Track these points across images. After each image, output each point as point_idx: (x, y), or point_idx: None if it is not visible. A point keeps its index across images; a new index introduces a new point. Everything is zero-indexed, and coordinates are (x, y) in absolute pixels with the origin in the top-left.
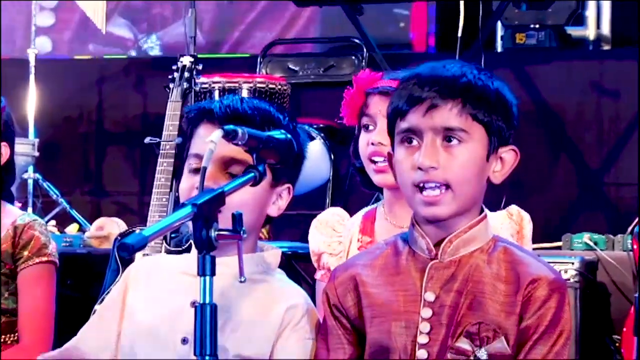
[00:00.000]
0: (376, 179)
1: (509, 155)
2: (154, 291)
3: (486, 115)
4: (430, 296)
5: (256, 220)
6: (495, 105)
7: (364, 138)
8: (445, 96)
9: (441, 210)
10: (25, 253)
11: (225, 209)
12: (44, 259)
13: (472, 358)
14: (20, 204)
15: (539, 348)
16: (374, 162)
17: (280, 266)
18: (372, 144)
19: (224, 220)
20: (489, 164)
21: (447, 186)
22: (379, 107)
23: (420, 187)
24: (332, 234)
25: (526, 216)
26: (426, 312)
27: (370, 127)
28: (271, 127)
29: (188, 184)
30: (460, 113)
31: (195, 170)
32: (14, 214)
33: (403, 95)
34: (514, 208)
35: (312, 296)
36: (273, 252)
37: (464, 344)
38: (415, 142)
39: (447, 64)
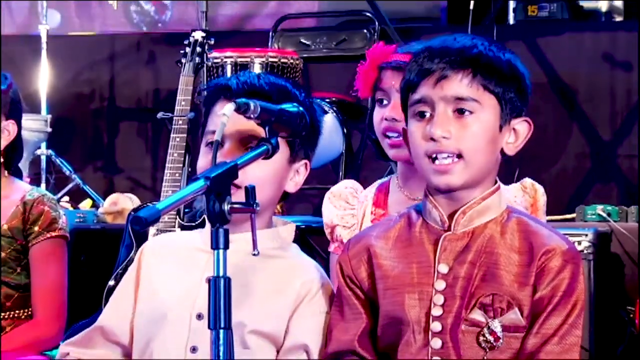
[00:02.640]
0: (391, 153)
1: (522, 127)
2: (168, 268)
3: (497, 85)
4: (443, 268)
5: (274, 196)
6: (506, 76)
7: (378, 113)
8: (455, 67)
9: (453, 178)
10: (36, 228)
11: (243, 185)
12: (55, 233)
13: (485, 329)
14: (29, 179)
15: (553, 319)
16: (388, 137)
17: (294, 240)
18: (386, 119)
19: (242, 197)
20: (501, 134)
21: (460, 156)
22: (392, 81)
23: (432, 158)
24: (346, 207)
25: (540, 189)
26: (440, 284)
27: (384, 102)
28: (287, 102)
29: (206, 160)
30: (470, 83)
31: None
32: (23, 190)
33: (414, 68)
34: (527, 181)
35: (327, 269)
36: (287, 227)
37: (477, 315)
38: (427, 115)
39: (458, 36)
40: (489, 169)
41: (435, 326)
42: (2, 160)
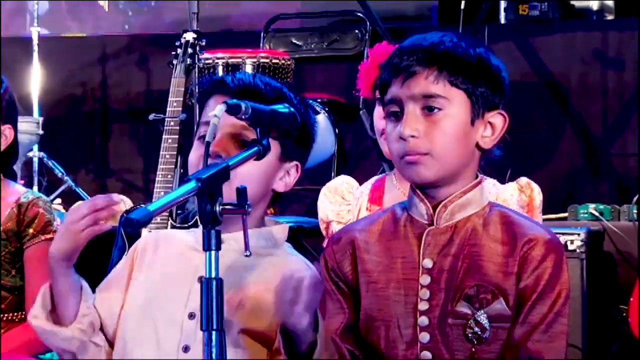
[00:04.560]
0: (387, 151)
1: (497, 120)
2: (161, 266)
3: (465, 81)
4: (428, 263)
5: (262, 193)
6: (476, 71)
7: (379, 112)
8: (421, 64)
9: (423, 170)
10: (30, 230)
11: (232, 181)
12: (49, 236)
13: (472, 321)
14: (22, 182)
15: (538, 308)
16: None
17: (286, 241)
18: None
19: (232, 194)
20: (474, 129)
21: (428, 154)
22: None
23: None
24: (341, 202)
25: (536, 188)
26: (425, 279)
27: None
28: (279, 103)
29: (198, 153)
30: (436, 80)
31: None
32: (18, 192)
33: (386, 67)
34: (523, 180)
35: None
36: (281, 227)
37: (463, 307)
38: (399, 115)
39: (428, 34)
40: (463, 163)
41: (423, 320)
42: None
